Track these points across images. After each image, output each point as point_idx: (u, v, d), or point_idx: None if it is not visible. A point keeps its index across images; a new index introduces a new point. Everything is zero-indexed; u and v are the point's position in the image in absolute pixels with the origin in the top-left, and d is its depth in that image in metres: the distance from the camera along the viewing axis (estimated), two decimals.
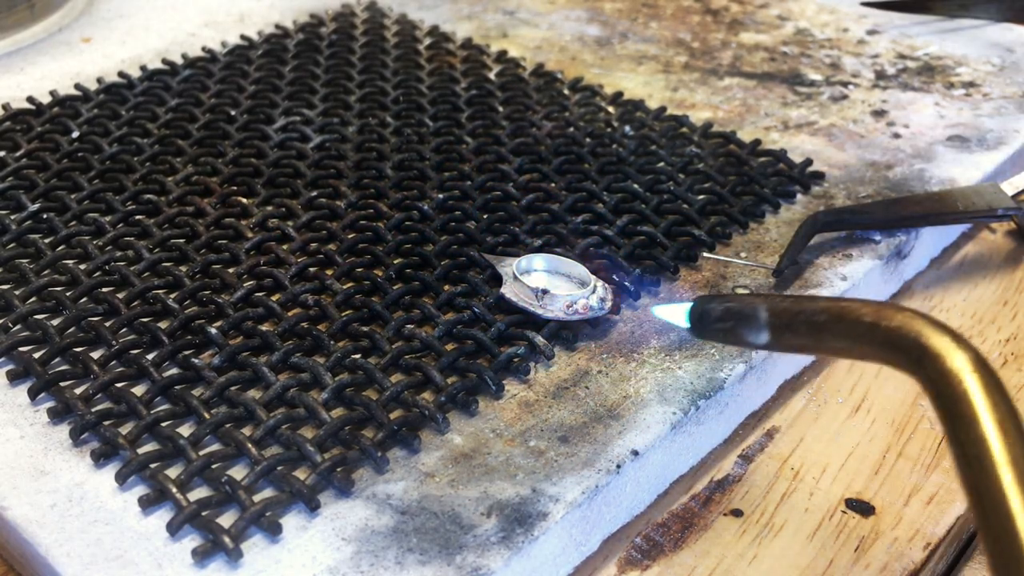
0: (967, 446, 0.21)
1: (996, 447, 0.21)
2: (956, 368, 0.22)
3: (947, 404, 0.22)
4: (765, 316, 0.30)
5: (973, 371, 0.22)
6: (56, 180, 0.46)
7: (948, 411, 0.22)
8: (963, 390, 0.22)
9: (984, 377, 0.22)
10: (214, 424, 0.33)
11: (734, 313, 0.32)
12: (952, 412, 0.22)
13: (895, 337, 0.24)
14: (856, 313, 0.26)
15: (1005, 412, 0.21)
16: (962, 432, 0.21)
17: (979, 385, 0.22)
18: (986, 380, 0.22)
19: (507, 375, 0.36)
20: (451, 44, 0.62)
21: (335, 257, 0.41)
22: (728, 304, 0.32)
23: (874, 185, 0.48)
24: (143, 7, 0.66)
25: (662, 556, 0.33)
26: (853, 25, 0.67)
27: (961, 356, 0.22)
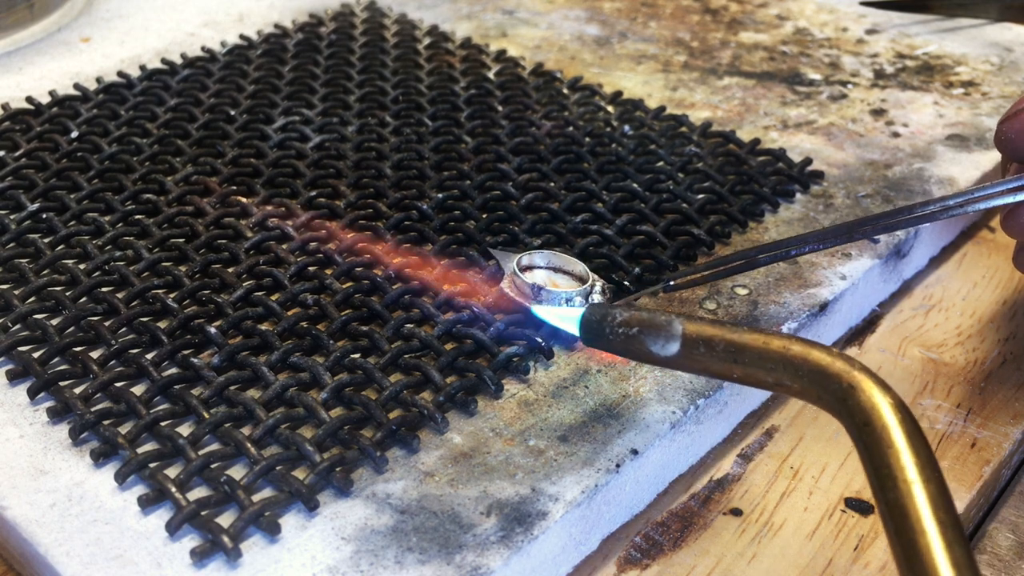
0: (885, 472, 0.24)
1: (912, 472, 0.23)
2: (879, 406, 0.25)
3: (868, 438, 0.25)
4: (680, 328, 0.30)
5: (894, 410, 0.25)
6: (55, 180, 0.46)
7: (868, 444, 0.25)
8: (884, 424, 0.25)
9: (903, 415, 0.25)
10: (213, 424, 0.33)
11: (641, 320, 0.31)
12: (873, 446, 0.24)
13: (823, 373, 0.26)
14: (783, 344, 0.27)
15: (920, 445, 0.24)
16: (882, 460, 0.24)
17: (898, 421, 0.24)
18: (904, 417, 0.25)
19: (506, 374, 0.36)
20: (450, 44, 0.62)
21: (334, 256, 0.41)
22: (634, 311, 0.31)
23: (873, 184, 0.48)
24: (142, 7, 0.66)
25: (661, 555, 0.33)
26: (852, 24, 0.67)
27: (884, 398, 0.25)
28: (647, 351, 0.30)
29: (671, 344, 0.30)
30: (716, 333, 0.29)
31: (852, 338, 0.43)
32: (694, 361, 0.30)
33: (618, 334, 0.31)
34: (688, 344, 0.29)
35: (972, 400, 0.40)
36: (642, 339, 0.30)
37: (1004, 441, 0.38)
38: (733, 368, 0.29)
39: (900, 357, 0.42)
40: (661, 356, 0.30)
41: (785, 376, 0.27)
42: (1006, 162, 0.40)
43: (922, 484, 0.23)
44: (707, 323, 0.29)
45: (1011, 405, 0.39)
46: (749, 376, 0.29)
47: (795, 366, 0.27)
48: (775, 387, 0.28)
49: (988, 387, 0.40)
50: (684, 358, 0.30)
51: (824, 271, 0.42)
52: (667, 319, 0.30)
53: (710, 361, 0.29)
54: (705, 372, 0.30)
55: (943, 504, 0.23)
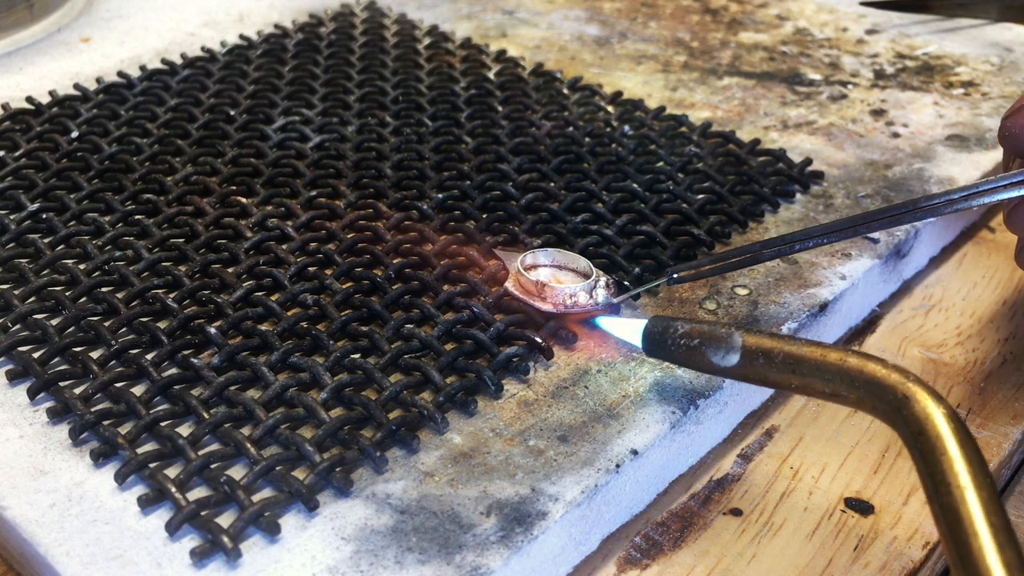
0: (939, 478, 0.25)
1: (965, 478, 0.25)
2: (933, 416, 0.26)
3: (924, 445, 0.26)
4: (740, 340, 0.31)
5: (948, 419, 0.26)
6: (55, 180, 0.46)
7: (924, 451, 0.26)
8: (938, 433, 0.26)
9: (955, 425, 0.26)
10: (213, 424, 0.33)
11: (702, 333, 0.32)
12: (928, 453, 0.26)
13: (879, 385, 0.28)
14: (840, 357, 0.29)
15: (972, 452, 0.25)
16: (936, 467, 0.25)
17: (951, 430, 0.26)
18: (957, 427, 0.26)
19: (506, 374, 0.36)
20: (450, 44, 0.62)
21: (334, 257, 0.41)
22: (695, 323, 0.33)
23: (873, 184, 0.48)
24: (142, 7, 0.66)
25: (661, 555, 0.33)
26: (852, 25, 0.67)
27: (938, 408, 0.26)
28: (708, 362, 0.32)
29: (731, 355, 0.31)
30: (775, 345, 0.30)
31: (852, 338, 0.43)
32: (753, 372, 0.31)
33: (680, 345, 0.33)
34: (748, 356, 0.31)
35: (972, 400, 0.40)
36: (703, 350, 0.32)
37: (1004, 441, 0.38)
38: (791, 379, 0.30)
39: (900, 357, 0.42)
40: (721, 367, 0.32)
41: (842, 387, 0.29)
42: (1009, 158, 0.40)
43: (975, 490, 0.24)
44: (766, 336, 0.31)
45: (1011, 405, 0.39)
46: (807, 386, 0.30)
47: (851, 377, 0.28)
48: (831, 397, 0.29)
49: (988, 387, 0.40)
50: (743, 368, 0.31)
51: (824, 271, 0.42)
52: (727, 332, 0.31)
53: (768, 372, 0.31)
54: (763, 382, 0.32)
55: (995, 509, 0.24)
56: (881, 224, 0.36)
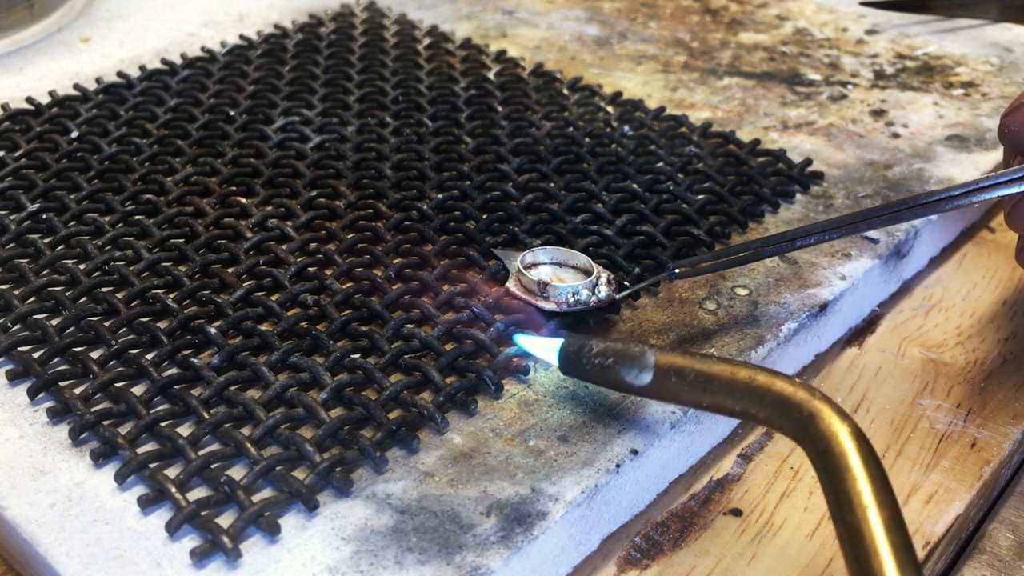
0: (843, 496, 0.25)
1: (868, 496, 0.25)
2: (838, 433, 0.26)
3: (828, 463, 0.26)
4: (652, 359, 0.31)
5: (852, 437, 0.26)
6: (55, 180, 0.46)
7: (828, 469, 0.26)
8: (842, 451, 0.26)
9: (860, 443, 0.26)
10: (213, 424, 0.33)
11: (616, 351, 0.32)
12: (832, 471, 0.26)
13: (786, 403, 0.28)
14: (749, 374, 0.29)
15: (876, 470, 0.26)
16: (840, 485, 0.26)
17: (855, 448, 0.26)
18: (861, 445, 0.26)
19: (506, 374, 0.36)
20: (450, 44, 0.62)
21: (334, 257, 0.41)
22: (610, 343, 0.33)
23: (873, 185, 0.48)
24: (142, 7, 0.66)
25: (661, 555, 0.33)
26: (852, 25, 0.67)
27: (843, 425, 0.27)
28: (622, 380, 0.32)
29: (644, 374, 0.31)
30: (686, 364, 0.31)
31: (852, 338, 0.43)
32: (666, 390, 0.31)
33: (595, 364, 0.33)
34: (660, 374, 0.31)
35: (972, 400, 0.40)
36: (617, 369, 0.32)
37: (1004, 441, 0.38)
38: (703, 397, 0.30)
39: (900, 357, 0.42)
40: (635, 385, 0.32)
41: (750, 405, 0.29)
42: (1009, 156, 0.40)
43: (877, 508, 0.25)
44: (678, 354, 0.31)
45: (1011, 405, 0.39)
46: (717, 405, 0.30)
47: (759, 396, 0.29)
48: (742, 415, 0.30)
49: (988, 387, 0.40)
50: (657, 387, 0.32)
51: (824, 271, 0.42)
52: (640, 350, 0.32)
53: (681, 390, 0.31)
54: (676, 401, 0.32)
55: (896, 527, 0.24)
56: (882, 221, 0.36)
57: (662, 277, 0.39)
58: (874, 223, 0.36)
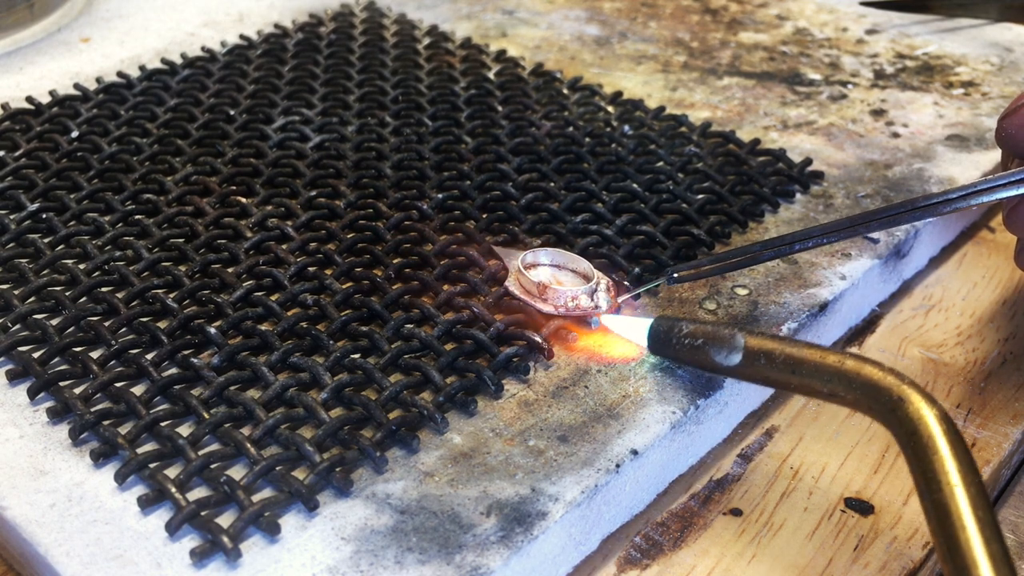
0: (931, 476, 0.26)
1: (955, 476, 0.26)
2: (926, 417, 0.27)
3: (917, 445, 0.27)
4: (743, 341, 0.32)
5: (940, 420, 0.27)
6: (55, 180, 0.46)
7: (917, 450, 0.27)
8: (930, 433, 0.27)
9: (947, 426, 0.27)
10: (213, 424, 0.33)
11: (706, 333, 0.33)
12: (921, 452, 0.27)
13: (874, 387, 0.29)
14: (839, 359, 0.30)
15: (962, 452, 0.26)
16: (929, 465, 0.26)
17: (943, 431, 0.27)
18: (948, 428, 0.27)
19: (506, 374, 0.36)
20: (450, 44, 0.62)
21: (334, 257, 0.41)
22: (699, 324, 0.34)
23: (873, 184, 0.48)
24: (142, 7, 0.66)
25: (661, 555, 0.33)
26: (852, 25, 0.67)
27: (931, 410, 0.27)
28: (711, 361, 0.33)
29: (734, 355, 0.32)
30: (776, 347, 0.32)
31: (852, 338, 0.43)
32: (755, 371, 0.32)
33: (684, 345, 0.34)
34: (749, 356, 0.32)
35: (972, 400, 0.40)
36: (707, 350, 0.33)
37: (1004, 441, 0.38)
38: (791, 379, 0.31)
39: (900, 357, 0.42)
40: (724, 366, 0.33)
41: (839, 388, 0.30)
42: (1007, 159, 0.40)
43: (964, 487, 0.26)
44: (767, 337, 0.32)
45: (1011, 405, 0.39)
46: (805, 386, 0.31)
47: (849, 379, 0.30)
48: (829, 397, 0.31)
49: (988, 387, 0.40)
50: (745, 368, 0.32)
51: (824, 271, 0.42)
52: (731, 332, 0.33)
53: (769, 372, 0.32)
54: (764, 382, 0.33)
55: (983, 504, 0.25)
56: (880, 224, 0.37)
57: (660, 281, 0.39)
58: (872, 226, 0.37)
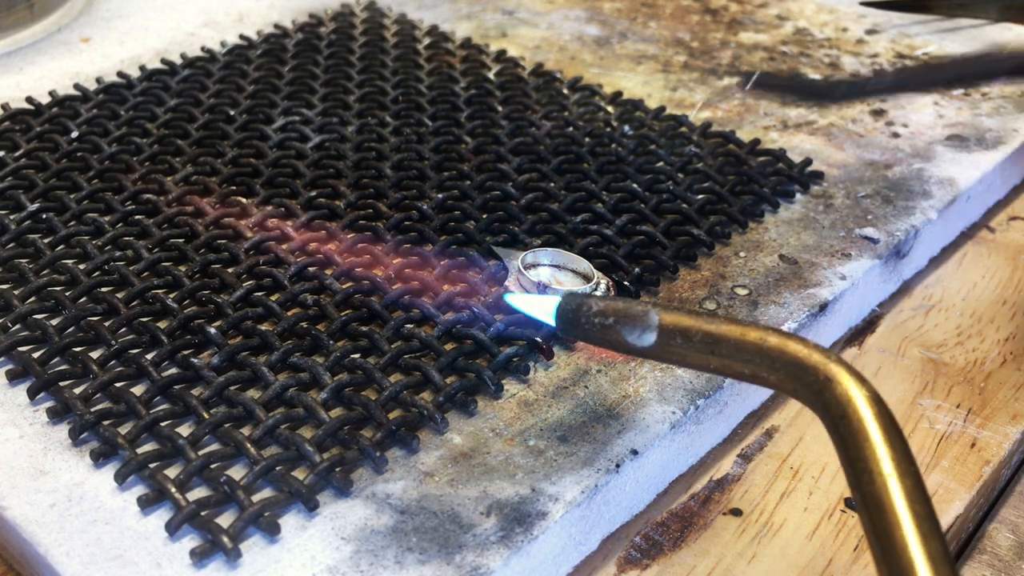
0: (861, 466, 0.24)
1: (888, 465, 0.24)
2: (855, 399, 0.25)
3: (845, 431, 0.25)
4: (656, 318, 0.29)
5: (870, 403, 0.25)
6: (55, 180, 0.46)
7: (845, 437, 0.25)
8: (860, 417, 0.25)
9: (879, 408, 0.25)
10: (213, 424, 0.33)
11: (617, 310, 0.30)
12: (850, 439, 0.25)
13: (799, 365, 0.26)
14: (760, 335, 0.27)
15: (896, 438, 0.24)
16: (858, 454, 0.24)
17: (874, 414, 0.25)
18: (880, 411, 0.25)
19: (506, 375, 0.36)
20: (450, 44, 0.62)
21: (334, 257, 0.41)
22: (610, 301, 0.31)
23: (873, 184, 0.48)
24: (142, 7, 0.66)
25: (661, 555, 0.33)
26: (852, 25, 0.67)
27: (860, 390, 0.25)
28: (623, 341, 0.30)
29: (648, 334, 0.29)
30: (693, 324, 0.29)
31: (852, 338, 0.43)
32: (671, 351, 0.29)
33: (594, 324, 0.31)
34: (665, 334, 0.29)
35: (972, 400, 0.40)
36: (618, 329, 0.30)
37: (1004, 441, 0.38)
38: (710, 359, 0.29)
39: (900, 357, 0.42)
40: (637, 346, 0.30)
41: (762, 368, 0.27)
42: None
43: (898, 478, 0.23)
44: (684, 313, 0.29)
45: (1011, 405, 0.39)
46: (726, 367, 0.28)
47: (771, 358, 0.27)
48: (751, 379, 0.28)
49: (988, 387, 0.40)
50: (661, 348, 0.30)
51: (824, 271, 0.42)
52: (643, 309, 0.30)
53: (687, 352, 0.29)
54: (682, 363, 0.30)
55: (919, 497, 0.23)
56: None
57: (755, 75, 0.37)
58: None
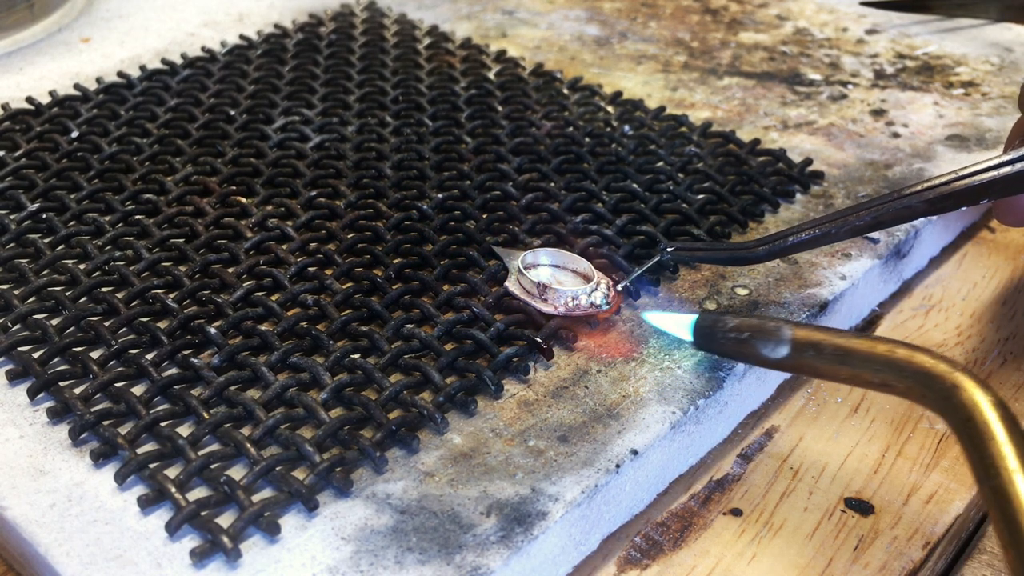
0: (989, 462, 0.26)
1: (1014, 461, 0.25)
2: (981, 403, 0.27)
3: (973, 431, 0.27)
4: (789, 333, 0.32)
5: (995, 406, 0.27)
6: (55, 180, 0.46)
7: (973, 437, 0.27)
8: (986, 419, 0.27)
9: (1003, 412, 0.27)
10: (213, 424, 0.33)
11: (751, 326, 0.33)
12: (977, 438, 0.26)
13: (927, 374, 0.29)
14: (888, 348, 0.30)
15: (1020, 437, 0.26)
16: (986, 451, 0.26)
17: (999, 416, 0.27)
18: (1004, 414, 0.27)
19: (506, 375, 0.36)
20: (450, 44, 0.62)
21: (334, 257, 0.41)
22: (744, 317, 0.34)
23: (873, 184, 0.48)
24: (142, 7, 0.66)
25: (661, 555, 0.33)
26: (852, 25, 0.67)
27: (985, 396, 0.27)
28: (758, 354, 0.33)
29: (781, 348, 0.32)
30: (824, 338, 0.31)
31: None
32: (803, 364, 0.32)
33: (730, 339, 0.34)
34: (798, 348, 0.32)
35: None
36: (753, 343, 0.33)
37: None
38: (840, 370, 0.31)
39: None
40: (771, 359, 0.32)
41: (890, 377, 0.30)
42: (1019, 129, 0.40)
43: (1023, 472, 0.25)
44: (815, 329, 0.32)
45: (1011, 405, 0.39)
46: (855, 377, 0.31)
47: (900, 368, 0.29)
48: (880, 387, 0.30)
49: None
50: (793, 361, 0.32)
51: (824, 271, 0.42)
52: (776, 324, 0.32)
53: (818, 364, 0.31)
54: (813, 374, 0.33)
55: None
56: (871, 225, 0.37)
57: (655, 260, 0.39)
58: (858, 222, 0.37)
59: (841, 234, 0.37)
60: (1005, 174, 0.36)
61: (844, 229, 0.37)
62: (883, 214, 0.37)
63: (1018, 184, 0.37)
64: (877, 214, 0.37)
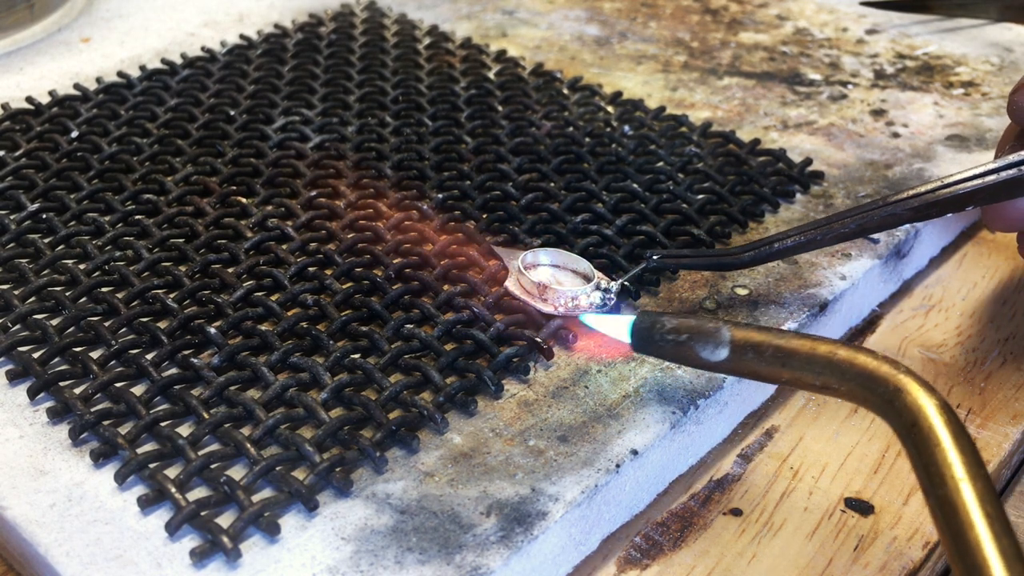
0: (934, 470, 0.25)
1: (960, 469, 0.25)
2: (925, 407, 0.26)
3: (917, 437, 0.26)
4: (729, 335, 0.31)
5: (940, 411, 0.26)
6: (55, 180, 0.46)
7: (917, 443, 0.26)
8: (931, 425, 0.26)
9: (948, 416, 0.26)
10: (213, 424, 0.33)
11: (690, 328, 0.32)
12: (922, 445, 0.26)
13: (869, 376, 0.28)
14: (830, 349, 0.29)
15: (966, 444, 0.25)
16: (931, 459, 0.25)
17: (944, 421, 0.26)
18: (950, 418, 0.26)
19: (506, 375, 0.36)
20: (450, 44, 0.62)
21: (334, 257, 0.41)
22: (683, 319, 0.32)
23: (873, 184, 0.48)
24: (142, 7, 0.66)
25: (661, 555, 0.33)
26: (852, 25, 0.67)
27: (930, 399, 0.26)
28: (697, 357, 0.32)
29: (720, 350, 0.31)
30: (764, 339, 0.30)
31: (852, 338, 0.43)
32: (743, 366, 0.31)
33: (668, 341, 0.32)
34: (737, 350, 0.31)
35: (972, 400, 0.40)
36: (692, 345, 0.32)
37: (1004, 441, 0.38)
38: (781, 372, 0.30)
39: (900, 357, 0.42)
40: (711, 361, 0.31)
41: (832, 379, 0.29)
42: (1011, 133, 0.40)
43: (969, 481, 0.24)
44: (755, 329, 0.31)
45: (1011, 405, 0.39)
46: (797, 379, 0.30)
47: (842, 370, 0.28)
48: (822, 389, 0.29)
49: (988, 387, 0.40)
50: (733, 363, 0.31)
51: (824, 271, 0.42)
52: (716, 326, 0.31)
53: (758, 366, 0.31)
54: (754, 376, 0.31)
55: (989, 499, 0.24)
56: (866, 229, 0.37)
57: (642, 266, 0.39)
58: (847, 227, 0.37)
59: (826, 240, 0.37)
60: (990, 182, 0.36)
61: (829, 236, 0.37)
62: (868, 221, 0.37)
63: (1004, 191, 0.36)
64: (862, 221, 0.37)
